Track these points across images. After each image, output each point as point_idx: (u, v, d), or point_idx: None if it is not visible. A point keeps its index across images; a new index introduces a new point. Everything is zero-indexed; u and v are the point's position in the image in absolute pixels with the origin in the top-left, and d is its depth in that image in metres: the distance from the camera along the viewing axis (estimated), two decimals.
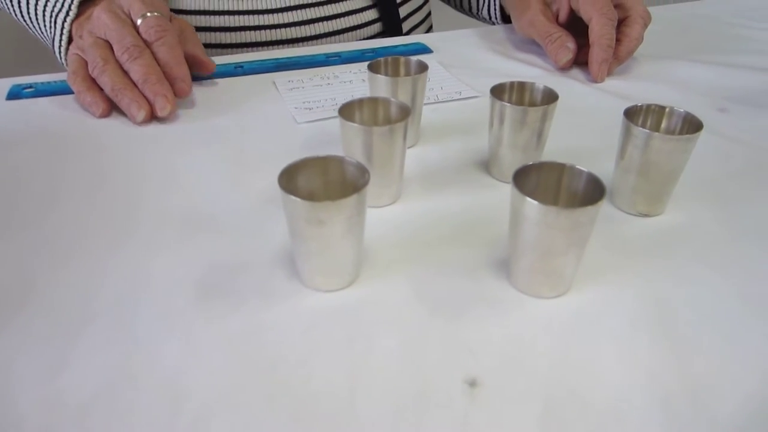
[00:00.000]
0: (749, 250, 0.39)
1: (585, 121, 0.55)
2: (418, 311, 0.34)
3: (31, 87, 0.60)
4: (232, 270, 0.37)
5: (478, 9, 0.86)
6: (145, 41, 0.55)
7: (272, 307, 0.34)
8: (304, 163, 0.35)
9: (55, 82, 0.61)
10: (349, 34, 0.76)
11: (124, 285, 0.36)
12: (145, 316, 0.33)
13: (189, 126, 0.54)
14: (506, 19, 0.81)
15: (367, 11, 0.77)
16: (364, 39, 0.77)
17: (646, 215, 0.42)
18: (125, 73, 0.55)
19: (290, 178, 0.34)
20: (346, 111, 0.41)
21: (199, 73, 0.61)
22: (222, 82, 0.63)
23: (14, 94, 0.59)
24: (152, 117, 0.54)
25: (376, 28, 0.78)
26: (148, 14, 0.56)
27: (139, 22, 0.56)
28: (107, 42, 0.55)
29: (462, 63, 0.67)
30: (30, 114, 0.56)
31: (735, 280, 0.36)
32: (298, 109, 0.56)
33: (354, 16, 0.76)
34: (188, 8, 0.71)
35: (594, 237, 0.39)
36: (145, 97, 0.54)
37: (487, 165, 0.47)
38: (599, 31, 0.62)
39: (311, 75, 0.63)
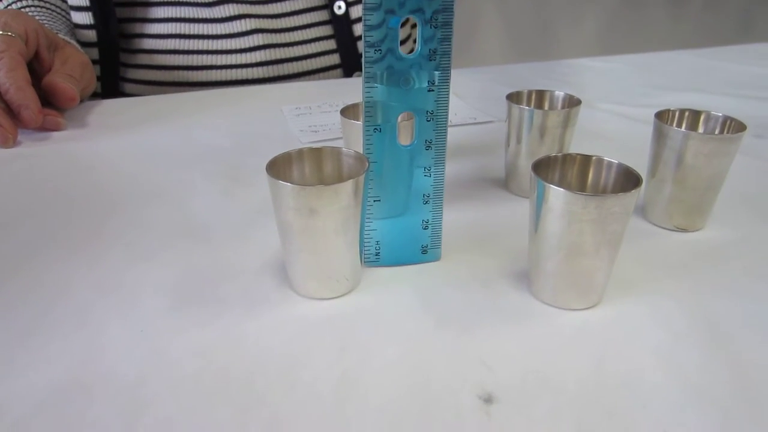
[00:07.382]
0: None
1: (611, 143, 0.51)
2: (424, 322, 0.29)
3: None
4: (216, 277, 0.32)
5: None
6: None
7: (256, 316, 0.29)
8: (299, 153, 0.31)
9: None
10: (314, 75, 0.74)
11: (93, 293, 0.31)
12: (110, 324, 0.29)
13: (186, 144, 0.51)
14: None
15: (331, 54, 0.75)
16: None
17: (684, 230, 0.37)
18: None
19: (282, 170, 0.30)
20: (350, 112, 0.38)
21: (62, 106, 0.55)
22: (224, 102, 0.61)
23: None
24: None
25: (338, 72, 0.76)
26: None
27: None
28: None
29: (476, 94, 0.65)
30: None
31: None
32: (303, 131, 0.53)
33: (319, 58, 0.73)
34: (157, 48, 0.68)
35: (625, 251, 0.34)
36: None
37: (504, 181, 0.43)
38: None
39: (320, 102, 0.61)
